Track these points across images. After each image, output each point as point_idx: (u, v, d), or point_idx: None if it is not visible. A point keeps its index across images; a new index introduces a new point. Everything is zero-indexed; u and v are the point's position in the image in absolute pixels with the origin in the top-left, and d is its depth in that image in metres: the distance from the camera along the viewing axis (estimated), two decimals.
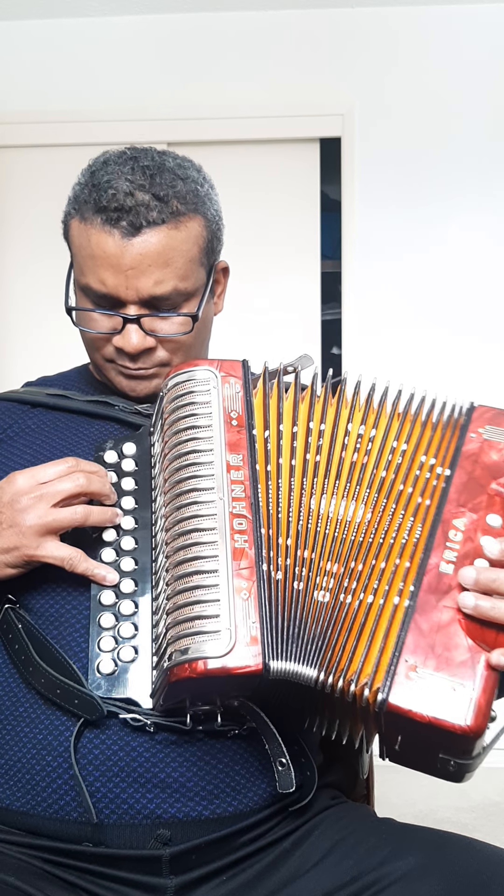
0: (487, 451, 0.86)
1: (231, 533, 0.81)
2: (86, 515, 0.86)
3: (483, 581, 0.77)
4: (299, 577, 0.80)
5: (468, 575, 0.78)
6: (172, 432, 0.88)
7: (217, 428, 0.87)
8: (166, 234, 0.96)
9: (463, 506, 0.83)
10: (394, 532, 0.83)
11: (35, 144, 2.99)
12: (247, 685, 0.79)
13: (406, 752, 0.80)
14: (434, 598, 0.78)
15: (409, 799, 2.41)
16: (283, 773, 0.82)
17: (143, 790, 0.84)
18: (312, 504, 0.84)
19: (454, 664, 0.75)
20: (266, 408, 0.90)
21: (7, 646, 0.90)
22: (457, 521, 0.82)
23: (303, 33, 2.94)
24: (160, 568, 0.85)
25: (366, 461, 0.87)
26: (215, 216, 1.03)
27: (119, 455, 0.95)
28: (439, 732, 0.74)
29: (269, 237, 2.97)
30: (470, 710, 0.73)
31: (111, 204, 0.95)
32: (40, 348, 2.95)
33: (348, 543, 0.83)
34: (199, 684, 0.77)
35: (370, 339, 2.94)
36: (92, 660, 0.85)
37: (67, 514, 0.85)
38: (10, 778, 0.87)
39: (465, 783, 0.81)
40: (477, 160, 2.92)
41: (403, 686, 0.74)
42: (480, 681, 0.75)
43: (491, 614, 0.77)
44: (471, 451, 0.86)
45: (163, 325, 1.00)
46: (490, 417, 0.88)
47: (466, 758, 0.76)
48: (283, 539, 0.82)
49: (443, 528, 0.81)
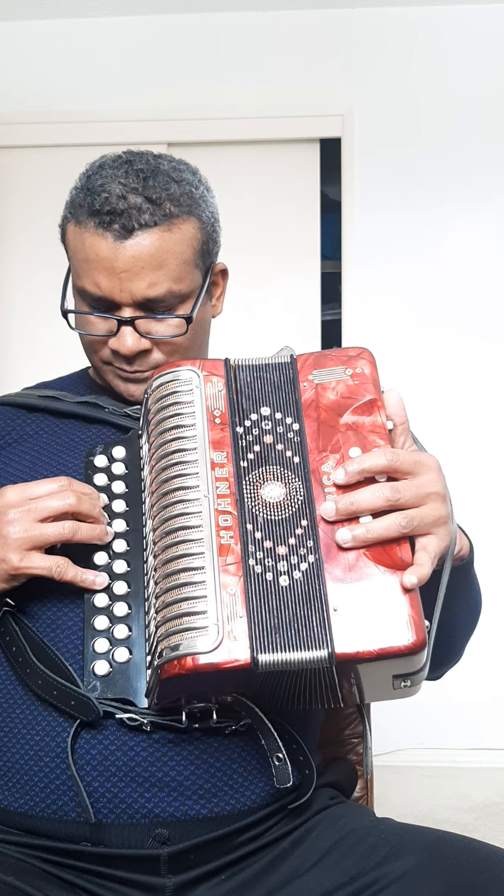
0: (323, 393, 0.89)
1: (217, 530, 0.82)
2: (73, 531, 0.86)
3: (343, 508, 0.80)
4: (268, 567, 0.82)
5: (328, 508, 0.81)
6: (158, 433, 0.89)
7: (201, 427, 0.88)
8: (159, 236, 0.96)
9: (323, 450, 0.86)
10: (296, 497, 0.85)
11: (35, 145, 3.00)
12: (237, 679, 0.80)
13: (365, 691, 0.85)
14: (333, 543, 0.81)
15: (409, 799, 2.41)
16: (279, 767, 0.82)
17: (141, 790, 0.84)
18: (262, 494, 0.86)
19: (377, 594, 0.78)
20: (240, 405, 0.91)
21: (4, 648, 0.90)
22: (324, 467, 0.85)
23: (303, 33, 2.94)
24: (150, 568, 0.86)
25: (272, 441, 0.89)
26: (210, 218, 1.03)
27: (109, 459, 0.96)
28: (390, 658, 0.77)
29: (269, 238, 2.97)
30: (409, 627, 0.77)
31: (104, 207, 0.96)
32: (41, 350, 2.95)
33: (282, 523, 0.85)
34: (190, 680, 0.78)
35: (370, 340, 2.94)
36: (87, 662, 0.86)
37: (54, 529, 0.85)
38: (8, 779, 0.87)
39: (465, 784, 0.82)
40: (477, 160, 2.92)
41: (341, 633, 0.77)
42: (405, 598, 0.78)
43: (369, 537, 0.80)
44: (309, 399, 0.89)
45: (158, 327, 1.01)
46: (313, 362, 0.91)
47: (417, 670, 0.81)
48: (258, 533, 0.83)
49: (315, 477, 0.84)
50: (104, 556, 0.90)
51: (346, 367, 0.90)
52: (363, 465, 0.82)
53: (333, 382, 0.89)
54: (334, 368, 0.91)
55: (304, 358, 0.92)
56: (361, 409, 0.88)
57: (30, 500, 0.86)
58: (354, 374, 0.90)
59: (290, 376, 0.91)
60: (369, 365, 0.90)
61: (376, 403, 0.88)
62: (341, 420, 0.87)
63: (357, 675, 0.81)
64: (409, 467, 0.82)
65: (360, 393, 0.88)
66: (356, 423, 0.87)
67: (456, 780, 2.61)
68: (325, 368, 0.91)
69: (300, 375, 0.91)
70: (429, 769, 2.68)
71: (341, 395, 0.89)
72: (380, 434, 0.86)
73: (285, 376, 0.91)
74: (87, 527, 0.87)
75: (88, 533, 0.87)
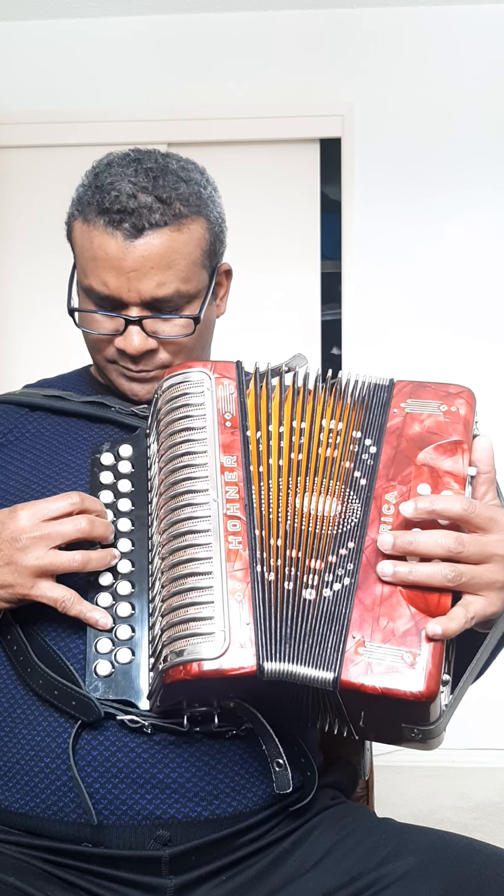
0: (410, 423, 0.87)
1: (225, 535, 0.81)
2: (84, 563, 0.85)
3: (400, 545, 0.77)
4: (289, 577, 0.81)
5: (385, 541, 0.78)
6: (167, 434, 0.88)
7: (211, 429, 0.87)
8: (168, 236, 0.96)
9: (392, 479, 0.84)
10: (351, 518, 0.84)
11: (35, 145, 2.99)
12: (242, 686, 0.79)
13: (371, 727, 0.83)
14: (373, 572, 0.79)
15: (409, 799, 2.41)
16: (279, 773, 0.82)
17: (142, 791, 0.84)
18: (297, 503, 0.85)
19: (399, 634, 0.76)
20: (257, 409, 0.90)
21: (6, 647, 0.90)
22: (388, 496, 0.83)
23: (303, 33, 2.94)
24: (156, 569, 0.85)
25: (336, 455, 0.87)
26: (218, 219, 1.03)
27: (115, 457, 0.95)
28: (395, 702, 0.75)
29: (270, 237, 2.97)
30: (419, 676, 0.74)
31: (114, 206, 0.95)
32: (40, 349, 2.94)
33: (325, 538, 0.83)
34: (194, 686, 0.78)
35: (370, 340, 2.94)
36: (89, 662, 0.86)
37: (65, 560, 0.84)
38: (8, 780, 0.87)
39: (464, 784, 0.81)
40: (477, 160, 2.92)
41: (353, 662, 0.76)
42: (427, 645, 0.76)
43: (409, 578, 0.77)
44: (395, 426, 0.87)
45: (164, 326, 1.00)
46: (410, 391, 0.89)
47: (427, 723, 0.78)
48: (273, 540, 0.82)
49: (376, 503, 0.82)
50: None
51: (441, 403, 0.88)
52: (435, 507, 0.78)
53: (424, 415, 0.87)
54: (429, 401, 0.88)
55: (402, 384, 0.90)
56: (444, 448, 0.85)
57: (42, 523, 0.85)
58: (448, 411, 0.87)
59: (382, 399, 0.90)
60: (466, 406, 0.88)
61: (461, 446, 0.85)
62: (420, 454, 0.84)
63: (364, 710, 0.79)
64: (482, 522, 0.78)
65: (448, 431, 0.86)
66: (434, 460, 0.84)
67: (456, 780, 2.60)
68: (420, 399, 0.88)
69: (393, 400, 0.89)
70: (429, 769, 2.68)
71: (428, 430, 0.86)
72: (456, 478, 0.83)
73: (378, 398, 0.90)
74: (96, 556, 0.86)
75: (98, 563, 0.86)
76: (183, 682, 0.77)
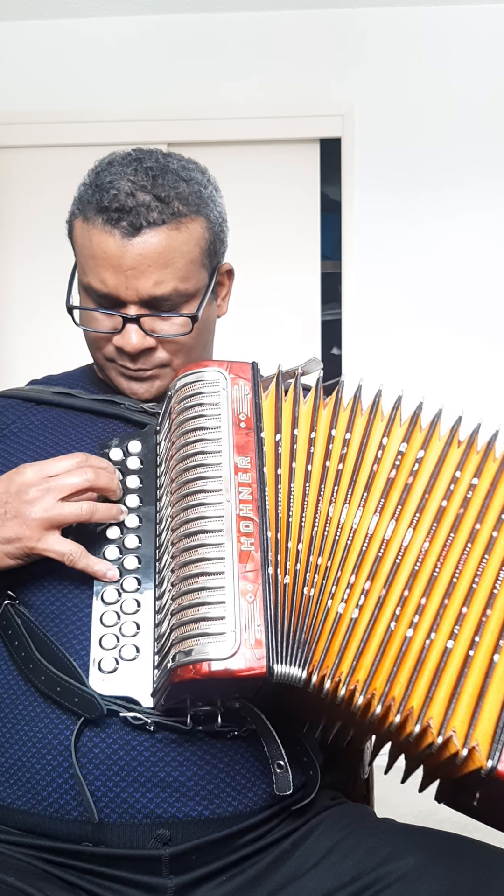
0: None
1: (238, 535, 0.80)
2: (91, 512, 0.86)
3: None
4: (310, 582, 0.80)
5: None
6: (180, 433, 0.87)
7: (226, 430, 0.86)
8: (167, 234, 0.96)
9: None
10: (474, 574, 0.80)
11: (35, 145, 2.99)
12: (249, 687, 0.79)
13: (484, 809, 0.81)
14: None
15: (409, 799, 2.40)
16: (280, 775, 0.82)
17: (144, 789, 0.84)
18: (331, 512, 0.84)
19: None
20: (279, 411, 0.89)
21: (7, 642, 0.90)
22: None
23: (302, 33, 2.94)
24: (165, 567, 0.85)
25: (411, 481, 0.85)
26: (218, 218, 1.03)
27: (125, 452, 0.95)
28: None
29: (269, 237, 2.97)
30: None
31: (112, 204, 0.95)
32: (41, 348, 2.95)
33: (388, 563, 0.81)
34: (201, 685, 0.77)
35: (370, 340, 2.94)
36: (93, 657, 0.85)
37: (73, 510, 0.85)
38: (9, 777, 0.87)
39: None
40: (477, 160, 2.92)
41: None
42: None
43: None
44: None
45: (163, 325, 1.00)
46: None
47: None
48: (293, 543, 0.81)
49: None
50: (115, 552, 0.89)
51: None
52: None
53: None
54: None
55: None
56: None
57: (48, 478, 0.86)
58: None
59: None
60: None
61: None
62: None
63: (483, 788, 0.78)
64: None
65: None
66: None
67: None
68: None
69: None
70: None
71: None
72: None
73: None
74: (103, 507, 0.87)
75: (105, 513, 0.87)
76: (191, 681, 0.76)
